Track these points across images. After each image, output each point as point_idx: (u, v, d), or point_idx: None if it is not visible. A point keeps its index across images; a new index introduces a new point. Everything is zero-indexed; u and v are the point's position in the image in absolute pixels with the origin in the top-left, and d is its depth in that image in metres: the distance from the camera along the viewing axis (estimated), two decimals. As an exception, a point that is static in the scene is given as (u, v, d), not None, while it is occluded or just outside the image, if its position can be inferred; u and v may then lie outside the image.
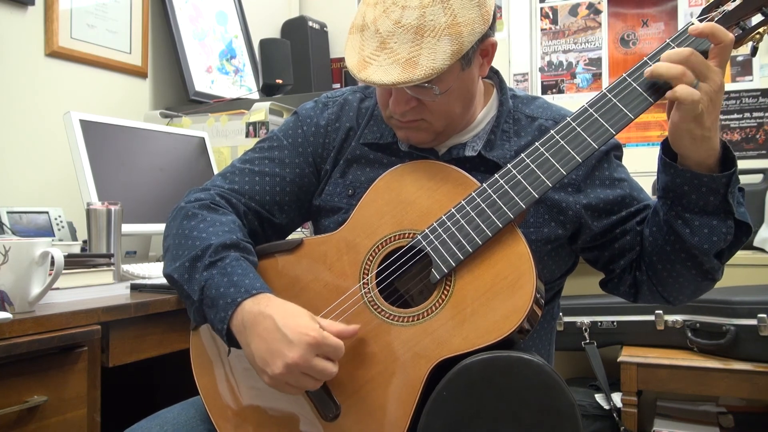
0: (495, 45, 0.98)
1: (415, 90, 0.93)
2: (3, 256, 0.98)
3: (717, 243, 0.92)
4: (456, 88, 0.95)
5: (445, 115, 0.98)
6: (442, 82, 0.92)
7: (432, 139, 1.01)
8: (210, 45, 2.48)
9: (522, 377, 0.79)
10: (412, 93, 0.94)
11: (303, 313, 0.87)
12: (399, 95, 0.95)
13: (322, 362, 0.84)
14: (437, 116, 0.97)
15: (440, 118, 0.98)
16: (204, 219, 0.99)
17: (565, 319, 2.16)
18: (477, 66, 0.97)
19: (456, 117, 0.99)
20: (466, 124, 1.04)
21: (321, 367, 0.84)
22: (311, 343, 0.83)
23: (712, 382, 1.88)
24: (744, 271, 2.15)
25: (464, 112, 1.01)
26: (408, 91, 0.94)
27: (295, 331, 0.83)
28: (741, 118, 2.46)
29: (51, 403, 0.99)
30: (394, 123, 1.01)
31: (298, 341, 0.83)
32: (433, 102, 0.95)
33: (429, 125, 0.99)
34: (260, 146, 1.12)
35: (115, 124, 1.75)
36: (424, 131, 0.99)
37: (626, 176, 1.05)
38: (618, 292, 1.08)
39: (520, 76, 2.77)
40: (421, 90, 0.93)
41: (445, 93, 0.94)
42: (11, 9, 1.83)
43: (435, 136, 1.01)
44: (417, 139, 1.01)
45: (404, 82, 0.89)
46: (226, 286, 0.90)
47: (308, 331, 0.83)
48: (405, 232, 0.93)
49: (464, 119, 1.02)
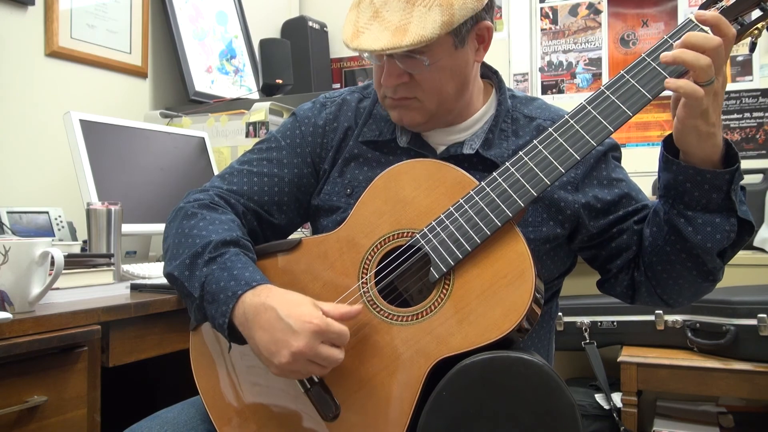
0: (491, 30, 1.00)
1: (406, 62, 0.95)
2: (3, 256, 0.98)
3: (720, 241, 0.92)
4: (449, 66, 0.96)
5: (436, 93, 0.98)
6: (432, 54, 0.94)
7: (425, 120, 1.01)
8: (210, 45, 2.48)
9: (521, 377, 0.79)
10: (403, 66, 0.96)
11: (305, 301, 0.87)
12: (390, 68, 0.97)
13: (328, 349, 0.84)
14: (429, 94, 0.98)
15: (432, 96, 0.98)
16: (204, 218, 1.00)
17: (565, 319, 2.16)
18: (472, 49, 0.99)
19: (448, 98, 1.00)
20: (462, 116, 1.05)
21: (327, 354, 0.84)
22: (315, 330, 0.83)
23: (712, 382, 1.87)
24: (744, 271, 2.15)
25: (458, 96, 1.01)
26: (398, 63, 0.95)
27: (299, 320, 0.83)
28: (741, 118, 2.46)
29: (51, 403, 0.99)
30: (387, 102, 1.02)
31: (302, 329, 0.83)
32: (425, 78, 0.96)
33: (421, 104, 0.99)
34: (258, 147, 1.13)
35: (115, 124, 1.75)
36: (416, 110, 1.00)
37: (624, 177, 1.05)
38: (614, 292, 1.07)
39: (520, 76, 2.77)
40: (411, 62, 0.95)
41: (435, 67, 0.95)
42: (11, 9, 1.83)
43: (428, 117, 1.01)
44: (409, 119, 1.01)
45: (393, 47, 0.90)
46: (227, 280, 0.90)
47: (312, 318, 0.83)
48: (403, 231, 0.93)
49: (458, 103, 1.03)
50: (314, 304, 0.87)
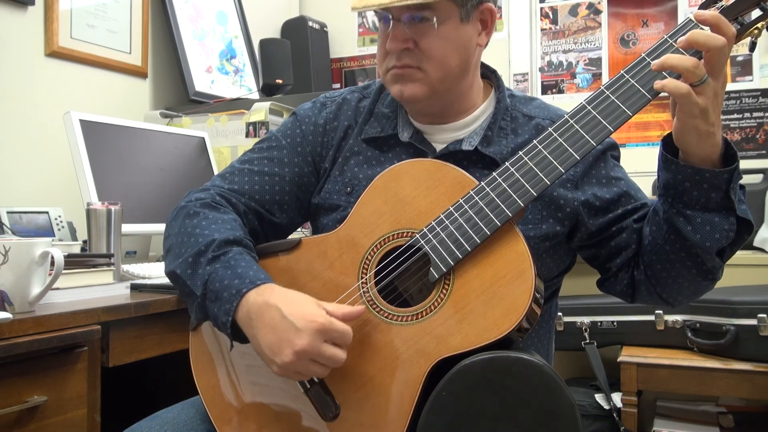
0: (494, 15, 1.02)
1: (413, 27, 0.96)
2: (3, 256, 0.98)
3: (719, 240, 0.92)
4: (454, 37, 0.98)
5: (441, 64, 0.98)
6: (439, 16, 0.95)
7: (426, 94, 1.00)
8: (210, 45, 2.48)
9: (521, 377, 0.79)
10: (409, 32, 0.97)
11: (308, 301, 0.87)
12: (397, 32, 0.98)
13: (331, 348, 0.84)
14: (433, 64, 0.98)
15: (436, 67, 0.98)
16: (206, 217, 1.00)
17: (565, 319, 2.16)
18: (476, 30, 1.01)
19: (452, 72, 1.00)
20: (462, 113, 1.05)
21: (330, 353, 0.84)
22: (319, 329, 0.83)
23: (712, 382, 1.87)
24: (744, 271, 2.15)
25: (460, 75, 1.01)
26: (405, 29, 0.96)
27: (302, 319, 0.83)
28: (741, 118, 2.46)
29: (51, 403, 0.99)
30: (389, 76, 1.02)
31: (306, 328, 0.83)
32: (431, 46, 0.97)
33: (424, 76, 0.99)
34: (259, 147, 1.13)
35: (115, 124, 1.75)
36: (419, 82, 1.00)
37: (623, 175, 1.06)
38: (614, 291, 1.07)
39: (520, 76, 2.77)
40: (418, 26, 0.96)
41: (442, 34, 0.96)
42: (11, 9, 1.83)
43: (430, 92, 1.00)
44: (411, 92, 1.00)
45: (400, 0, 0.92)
46: (230, 278, 0.90)
47: (315, 317, 0.83)
48: (403, 231, 0.93)
49: (459, 85, 1.03)
50: (317, 303, 0.87)
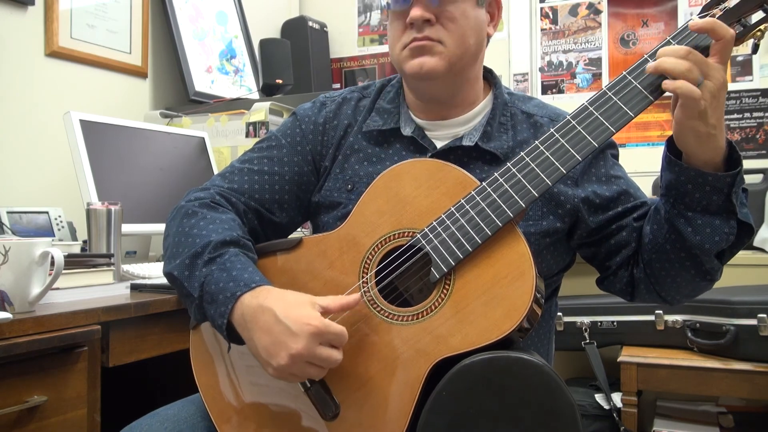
0: (501, 8, 1.08)
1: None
2: (3, 256, 0.98)
3: (719, 243, 0.92)
4: (472, 17, 1.02)
5: (461, 39, 1.00)
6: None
7: (445, 69, 1.01)
8: (210, 45, 2.48)
9: (522, 377, 0.79)
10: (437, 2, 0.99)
11: (304, 302, 0.87)
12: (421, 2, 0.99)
13: (327, 350, 0.84)
14: (454, 38, 1.00)
15: (457, 42, 1.00)
16: (204, 217, 1.00)
17: (565, 319, 2.16)
18: (486, 18, 1.04)
19: (469, 51, 1.02)
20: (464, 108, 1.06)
21: (325, 356, 0.84)
22: (314, 332, 0.83)
23: (712, 382, 1.87)
24: (744, 271, 2.15)
25: (473, 57, 1.04)
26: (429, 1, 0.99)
27: (297, 322, 0.83)
28: (741, 118, 2.46)
29: (51, 403, 0.99)
30: (408, 51, 1.02)
31: (301, 331, 0.83)
32: (453, 17, 0.99)
33: (444, 49, 1.00)
34: (259, 146, 1.13)
35: (115, 124, 1.75)
36: (439, 55, 1.00)
37: (622, 174, 1.06)
38: (614, 289, 1.08)
39: (520, 76, 2.77)
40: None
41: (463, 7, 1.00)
42: (11, 9, 1.83)
43: (448, 67, 1.01)
44: (431, 66, 1.01)
45: None
46: (226, 281, 0.90)
47: (310, 320, 0.83)
48: (404, 231, 0.93)
49: (472, 69, 1.05)
50: (313, 304, 0.87)
